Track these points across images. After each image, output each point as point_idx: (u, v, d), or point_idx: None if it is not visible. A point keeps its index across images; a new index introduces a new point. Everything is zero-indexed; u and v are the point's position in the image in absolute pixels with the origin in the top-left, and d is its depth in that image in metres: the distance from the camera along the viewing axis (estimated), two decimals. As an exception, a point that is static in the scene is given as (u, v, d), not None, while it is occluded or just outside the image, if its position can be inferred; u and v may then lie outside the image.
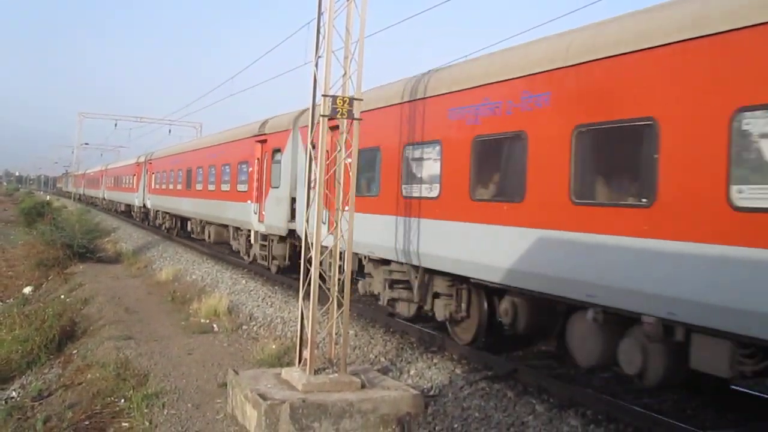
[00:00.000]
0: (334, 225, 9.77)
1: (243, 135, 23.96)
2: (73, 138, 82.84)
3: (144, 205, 44.53)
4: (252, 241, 22.72)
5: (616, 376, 11.14)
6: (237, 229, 24.86)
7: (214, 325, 15.65)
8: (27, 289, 26.71)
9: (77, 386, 12.57)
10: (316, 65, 9.66)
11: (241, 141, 23.82)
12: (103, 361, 13.13)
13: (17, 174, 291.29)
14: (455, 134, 11.56)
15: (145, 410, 10.46)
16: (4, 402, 13.44)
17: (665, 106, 8.03)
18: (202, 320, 16.18)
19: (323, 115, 9.36)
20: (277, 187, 20.05)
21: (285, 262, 21.04)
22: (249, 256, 23.68)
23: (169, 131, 71.16)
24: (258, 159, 21.77)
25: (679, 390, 10.33)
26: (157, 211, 40.83)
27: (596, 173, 9.26)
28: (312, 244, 9.45)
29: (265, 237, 21.60)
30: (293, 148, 19.15)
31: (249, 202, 22.21)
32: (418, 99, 12.61)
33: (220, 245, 28.97)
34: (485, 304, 11.90)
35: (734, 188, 7.15)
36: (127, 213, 55.25)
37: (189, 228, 33.68)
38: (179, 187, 33.87)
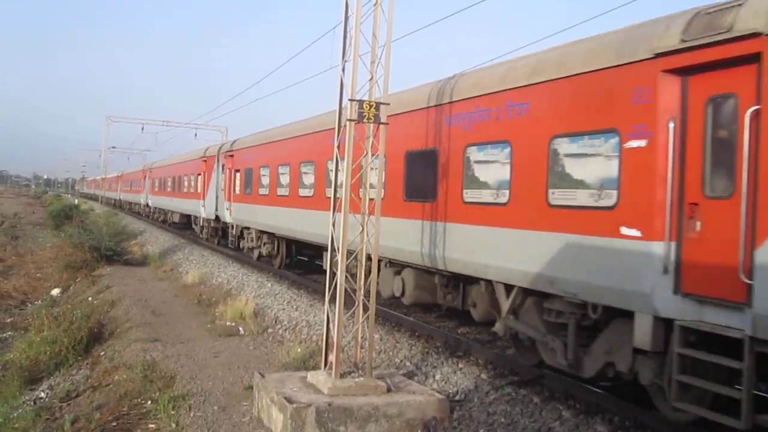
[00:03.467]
0: (362, 229, 9.79)
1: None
2: (100, 142, 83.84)
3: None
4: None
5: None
6: None
7: (240, 328, 15.73)
8: (55, 291, 27.00)
9: (105, 387, 12.67)
10: (343, 70, 9.69)
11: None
12: (130, 363, 13.23)
13: (45, 177, 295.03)
14: None
15: (172, 412, 10.52)
16: (32, 402, 13.59)
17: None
18: (228, 323, 16.26)
19: (350, 120, 9.38)
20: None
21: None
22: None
23: (195, 135, 71.69)
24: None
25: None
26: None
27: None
28: (338, 248, 9.47)
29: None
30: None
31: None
32: None
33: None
34: None
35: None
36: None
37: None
38: None
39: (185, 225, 43.24)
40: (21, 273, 32.78)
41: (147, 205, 57.52)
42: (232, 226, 29.17)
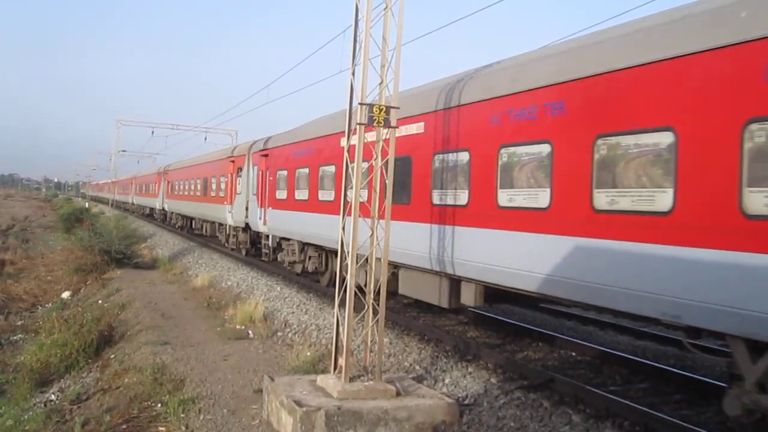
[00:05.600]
0: (371, 233, 9.79)
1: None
2: (111, 146, 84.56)
3: None
4: None
5: (654, 387, 11.03)
6: None
7: (250, 332, 15.74)
8: (65, 294, 27.13)
9: (115, 390, 12.70)
10: (353, 74, 9.69)
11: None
12: (140, 366, 13.26)
13: (56, 180, 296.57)
14: None
15: (182, 415, 10.53)
16: (43, 405, 13.64)
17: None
18: (238, 326, 16.27)
19: (360, 123, 9.39)
20: None
21: None
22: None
23: (205, 138, 71.95)
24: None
25: (719, 402, 10.17)
26: None
27: None
28: (348, 252, 9.47)
29: None
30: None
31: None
32: None
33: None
34: None
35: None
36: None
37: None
38: None
39: (150, 215, 66.93)
40: (31, 276, 32.95)
41: (133, 203, 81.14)
42: (167, 212, 54.49)
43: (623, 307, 8.95)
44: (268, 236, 24.96)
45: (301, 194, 20.69)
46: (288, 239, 22.51)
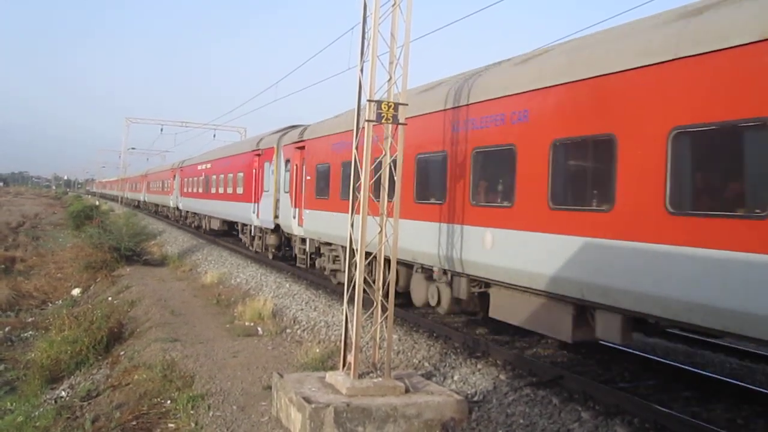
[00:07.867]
0: (380, 230, 9.80)
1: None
2: (120, 143, 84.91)
3: None
4: None
5: (663, 384, 11.00)
6: None
7: (259, 328, 15.78)
8: (75, 291, 27.25)
9: (125, 387, 12.75)
10: (361, 70, 9.68)
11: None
12: (150, 363, 13.31)
13: (65, 178, 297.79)
14: None
15: (191, 411, 10.58)
16: (53, 401, 13.70)
17: None
18: (247, 323, 16.32)
19: (368, 120, 9.38)
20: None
21: None
22: None
23: (214, 136, 72.13)
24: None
25: (728, 399, 10.15)
26: None
27: None
28: (357, 249, 9.47)
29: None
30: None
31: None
32: None
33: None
34: None
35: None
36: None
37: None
38: None
39: (138, 207, 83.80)
40: (42, 273, 33.10)
41: (126, 197, 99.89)
42: (147, 203, 74.09)
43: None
44: (183, 211, 48.71)
45: (194, 189, 43.69)
46: (189, 212, 46.39)
